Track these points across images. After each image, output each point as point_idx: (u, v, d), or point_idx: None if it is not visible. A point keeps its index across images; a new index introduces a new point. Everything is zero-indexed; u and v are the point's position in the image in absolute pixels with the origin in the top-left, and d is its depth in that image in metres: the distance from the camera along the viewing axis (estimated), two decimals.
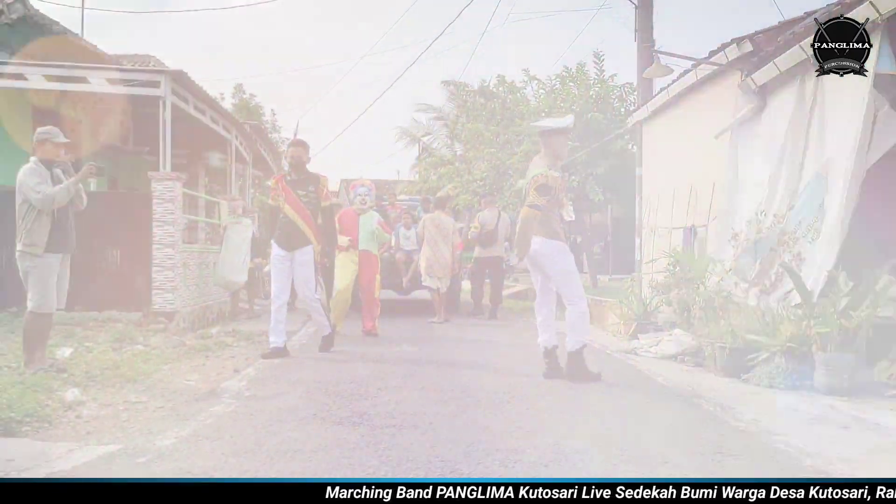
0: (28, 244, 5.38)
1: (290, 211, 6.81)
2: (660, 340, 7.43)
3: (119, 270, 8.93)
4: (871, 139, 5.56)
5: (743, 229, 7.20)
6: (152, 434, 3.89)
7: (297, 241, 6.81)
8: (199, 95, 10.57)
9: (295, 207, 6.81)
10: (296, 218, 6.79)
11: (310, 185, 6.90)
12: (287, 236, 6.82)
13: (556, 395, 5.08)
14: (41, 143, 5.56)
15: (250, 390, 5.15)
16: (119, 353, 6.46)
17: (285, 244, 6.81)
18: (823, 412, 4.69)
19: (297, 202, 6.82)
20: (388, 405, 4.64)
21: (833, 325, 5.22)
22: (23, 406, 4.14)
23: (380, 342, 7.97)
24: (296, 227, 6.79)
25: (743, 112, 7.43)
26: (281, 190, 6.91)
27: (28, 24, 10.53)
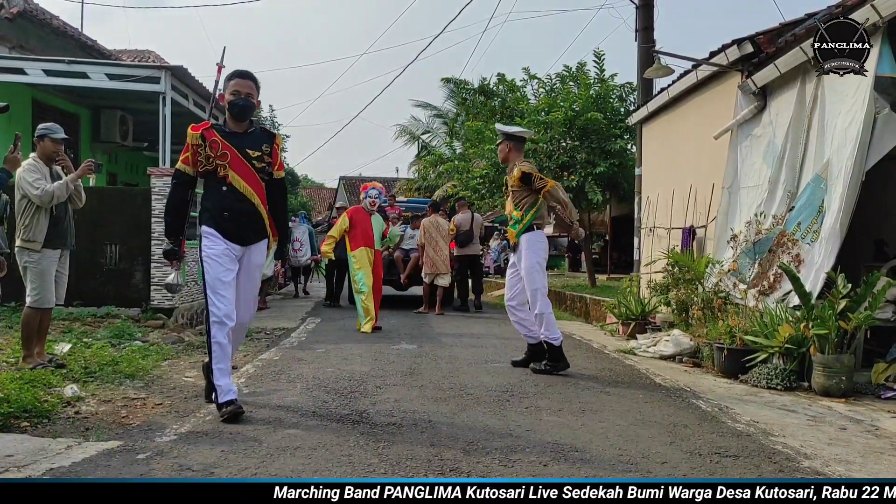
0: (26, 240, 5.39)
1: (238, 181, 4.36)
2: (658, 340, 7.45)
3: (118, 266, 8.93)
4: (870, 141, 5.57)
5: (742, 230, 7.21)
6: (151, 431, 3.90)
7: (253, 231, 4.47)
8: (199, 91, 10.57)
9: (245, 176, 4.37)
10: (249, 193, 4.39)
11: (263, 144, 4.46)
12: (236, 221, 4.38)
13: (556, 394, 5.09)
14: (40, 139, 5.57)
15: (249, 387, 5.15)
16: (118, 349, 6.46)
17: (235, 234, 4.38)
18: (821, 413, 4.71)
19: (246, 168, 4.37)
20: (388, 403, 4.65)
21: (831, 327, 5.24)
22: (21, 402, 4.15)
23: (378, 339, 7.98)
24: (249, 206, 4.40)
25: (743, 113, 7.44)
26: (219, 147, 4.34)
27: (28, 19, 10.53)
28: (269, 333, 8.62)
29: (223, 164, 4.33)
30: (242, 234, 4.41)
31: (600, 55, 15.28)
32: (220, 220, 4.37)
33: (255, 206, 4.41)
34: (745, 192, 7.35)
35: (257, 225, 4.46)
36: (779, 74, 6.75)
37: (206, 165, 4.38)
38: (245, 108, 4.38)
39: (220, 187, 4.38)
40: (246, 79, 4.44)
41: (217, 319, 4.25)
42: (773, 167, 6.83)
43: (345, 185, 37.55)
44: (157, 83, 9.28)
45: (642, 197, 10.92)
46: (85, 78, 9.44)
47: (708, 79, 8.43)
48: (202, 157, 4.38)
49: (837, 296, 5.36)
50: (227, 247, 4.35)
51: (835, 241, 5.72)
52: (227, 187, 4.35)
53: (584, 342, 8.23)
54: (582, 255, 21.19)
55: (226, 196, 4.37)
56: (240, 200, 4.36)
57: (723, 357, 6.16)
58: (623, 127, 14.31)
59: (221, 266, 4.32)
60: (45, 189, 5.37)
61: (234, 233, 4.38)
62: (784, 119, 6.76)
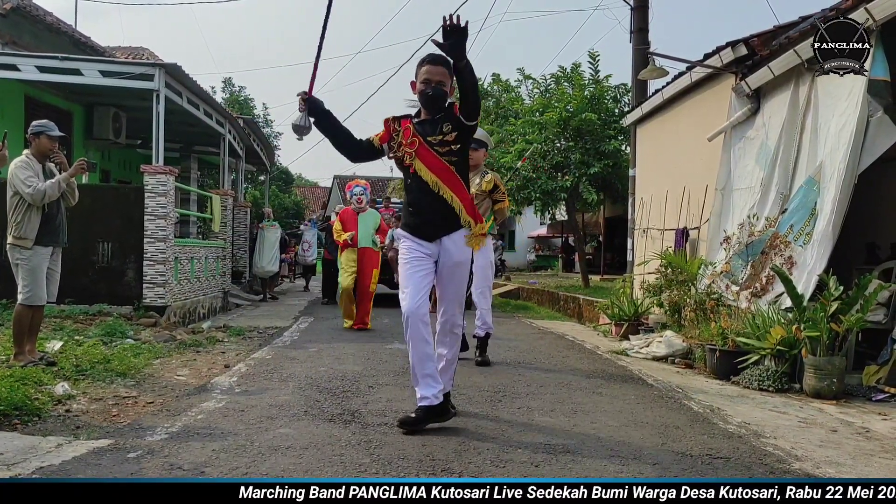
0: (18, 237, 5.37)
1: (424, 170, 4.09)
2: (651, 342, 7.47)
3: (110, 264, 8.91)
4: (863, 144, 5.59)
5: (735, 232, 7.23)
6: (142, 429, 3.88)
7: (441, 223, 4.13)
8: (192, 89, 10.54)
9: (430, 164, 4.08)
10: (433, 182, 4.08)
11: (443, 124, 4.09)
12: (421, 215, 4.15)
13: (548, 394, 5.09)
14: (36, 137, 5.55)
15: (241, 386, 5.14)
16: (109, 347, 6.44)
17: (421, 229, 4.14)
18: (812, 415, 4.72)
19: (431, 156, 4.08)
20: (380, 403, 4.65)
21: (823, 329, 5.26)
22: (12, 399, 4.12)
23: (371, 339, 7.97)
24: (434, 197, 4.10)
25: (737, 115, 7.46)
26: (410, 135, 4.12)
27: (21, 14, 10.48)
28: (261, 332, 8.60)
29: (410, 153, 4.10)
30: (429, 229, 4.11)
31: (595, 56, 15.33)
32: (408, 218, 4.21)
33: (442, 194, 4.08)
34: (738, 193, 7.37)
35: (446, 215, 4.10)
36: (772, 77, 6.77)
37: (395, 152, 4.17)
38: (435, 98, 4.06)
39: (407, 179, 4.20)
40: (437, 64, 4.05)
41: (404, 316, 4.04)
42: (766, 169, 6.85)
43: (339, 184, 37.52)
44: (150, 80, 9.25)
45: (636, 198, 10.94)
46: (78, 75, 9.40)
47: (702, 80, 8.46)
48: (394, 143, 4.17)
49: (829, 298, 5.38)
50: (419, 247, 4.11)
51: (827, 244, 5.74)
52: (412, 178, 4.14)
53: (577, 343, 8.24)
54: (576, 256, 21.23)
55: (411, 188, 4.18)
56: (424, 192, 4.09)
57: (715, 358, 6.17)
58: (617, 128, 14.36)
59: (414, 268, 4.08)
60: (37, 187, 5.34)
61: (420, 228, 4.13)
62: (777, 121, 6.78)
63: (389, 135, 4.18)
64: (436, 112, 4.12)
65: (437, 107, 4.10)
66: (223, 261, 12.32)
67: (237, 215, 14.59)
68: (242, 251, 14.99)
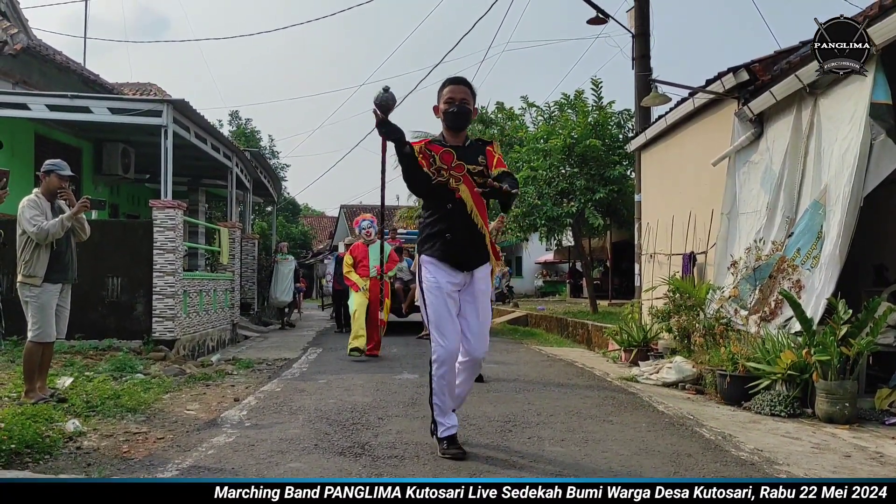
0: (27, 275, 5.42)
1: (468, 197, 4.07)
2: (660, 367, 7.43)
3: (119, 298, 8.95)
4: (867, 167, 5.61)
5: (742, 256, 7.23)
6: (153, 465, 3.88)
7: (476, 254, 4.15)
8: (200, 124, 10.66)
9: (472, 193, 4.06)
10: (473, 211, 4.09)
11: (479, 156, 4.15)
12: (459, 243, 4.08)
13: (558, 423, 5.07)
14: (46, 175, 5.62)
15: (251, 420, 5.14)
16: (119, 383, 6.46)
17: (457, 258, 4.09)
18: (825, 441, 4.68)
19: (472, 185, 4.05)
20: (390, 435, 4.63)
21: (833, 353, 5.23)
22: (23, 437, 4.13)
23: (380, 369, 7.96)
24: (472, 225, 4.11)
25: (740, 140, 7.49)
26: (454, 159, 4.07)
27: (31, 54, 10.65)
28: (270, 364, 8.61)
29: (457, 177, 4.04)
30: (465, 258, 4.08)
31: (598, 83, 15.43)
32: (441, 244, 4.07)
33: (479, 225, 4.10)
34: (744, 217, 7.39)
35: (480, 247, 4.15)
36: (774, 102, 6.81)
37: (437, 177, 4.03)
38: (460, 115, 4.09)
39: (447, 204, 4.07)
40: (460, 84, 4.13)
41: (439, 357, 4.03)
42: (772, 193, 6.86)
43: (345, 213, 37.69)
44: (158, 116, 9.37)
45: (642, 223, 10.96)
46: (87, 112, 9.53)
47: (705, 106, 8.51)
48: (433, 169, 4.04)
49: (839, 321, 5.36)
50: (449, 276, 4.06)
51: (834, 267, 5.73)
52: (454, 203, 4.06)
53: (586, 370, 8.21)
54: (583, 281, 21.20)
55: (450, 214, 4.07)
56: (464, 219, 4.06)
57: (725, 384, 6.14)
58: (622, 153, 14.42)
59: (443, 299, 4.03)
60: (41, 226, 5.40)
61: (456, 257, 4.06)
62: (781, 145, 6.81)
63: (428, 160, 4.06)
64: (460, 131, 4.16)
65: (462, 125, 4.14)
66: (231, 293, 12.36)
67: (245, 247, 14.67)
68: (251, 283, 15.18)
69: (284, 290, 15.08)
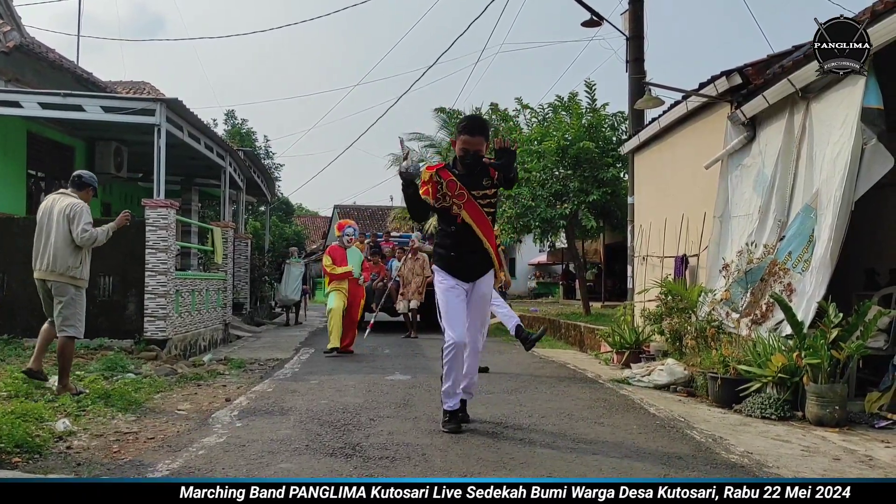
0: (78, 277, 5.77)
1: (469, 220, 4.75)
2: (652, 370, 7.44)
3: (111, 298, 8.92)
4: (858, 172, 5.64)
5: (734, 259, 7.25)
6: (143, 466, 3.87)
7: (479, 268, 4.89)
8: (193, 123, 10.64)
9: (475, 216, 4.76)
10: (476, 231, 4.77)
11: (483, 179, 4.77)
12: (463, 261, 4.82)
13: (550, 425, 5.08)
14: (88, 188, 6.00)
15: (242, 420, 5.13)
16: (110, 382, 6.43)
17: (462, 272, 4.85)
18: (815, 444, 4.70)
19: (475, 208, 4.76)
20: (381, 436, 4.63)
21: (823, 356, 5.25)
22: (13, 437, 4.11)
23: (372, 370, 7.96)
24: (476, 244, 4.79)
25: (733, 143, 7.52)
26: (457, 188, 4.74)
27: (24, 52, 10.61)
28: (262, 364, 8.59)
29: (458, 204, 4.74)
30: (469, 272, 4.84)
31: (591, 85, 15.46)
32: (448, 261, 4.85)
33: (482, 242, 4.79)
34: (736, 221, 7.41)
35: (483, 261, 4.86)
36: (767, 105, 6.83)
37: (442, 202, 4.77)
38: (473, 164, 4.74)
39: (450, 226, 4.81)
40: (475, 135, 4.71)
41: (451, 343, 4.68)
42: (764, 197, 6.89)
43: (339, 213, 37.67)
44: (152, 115, 9.34)
45: (635, 225, 10.98)
46: (80, 111, 9.50)
47: (698, 109, 8.53)
48: (440, 195, 4.76)
49: (829, 325, 5.39)
50: (456, 282, 4.81)
51: (825, 271, 5.75)
52: (457, 226, 4.77)
53: (578, 372, 8.22)
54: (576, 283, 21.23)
55: (455, 235, 4.80)
56: (467, 239, 4.76)
57: (717, 386, 6.16)
58: (615, 156, 14.44)
59: (453, 297, 4.78)
60: (92, 232, 5.73)
61: (461, 271, 4.83)
62: (773, 149, 6.84)
63: (436, 187, 4.74)
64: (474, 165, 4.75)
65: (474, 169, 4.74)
66: (224, 292, 12.33)
67: (238, 247, 14.63)
68: (243, 283, 15.20)
69: (293, 289, 16.24)
